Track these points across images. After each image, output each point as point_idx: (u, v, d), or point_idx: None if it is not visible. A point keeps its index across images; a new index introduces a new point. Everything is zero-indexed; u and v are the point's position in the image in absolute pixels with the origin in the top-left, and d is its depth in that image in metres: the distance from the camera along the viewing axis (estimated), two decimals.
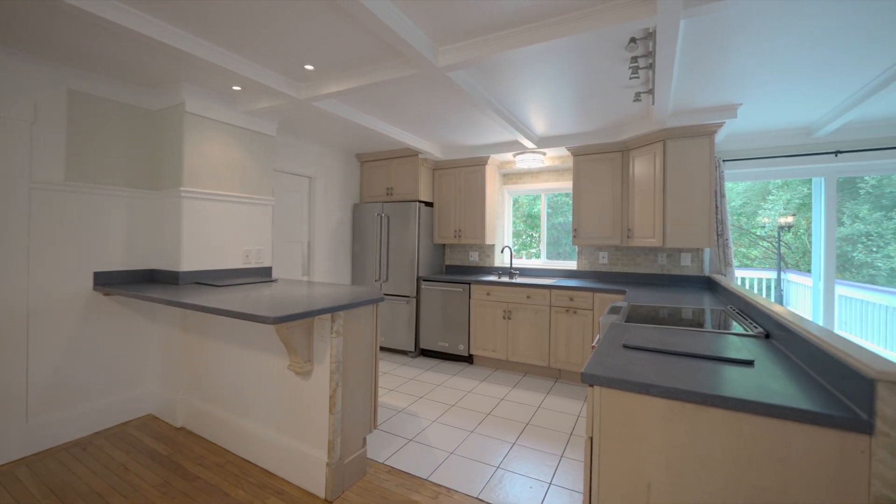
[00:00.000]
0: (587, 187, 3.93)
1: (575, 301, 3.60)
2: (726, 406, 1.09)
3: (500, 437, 2.63)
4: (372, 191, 4.84)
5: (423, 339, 4.41)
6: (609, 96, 2.93)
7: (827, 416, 0.99)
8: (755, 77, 2.53)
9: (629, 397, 1.21)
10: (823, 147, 3.42)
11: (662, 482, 1.16)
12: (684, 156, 3.27)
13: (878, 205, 6.49)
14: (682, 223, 3.26)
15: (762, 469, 1.06)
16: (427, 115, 3.45)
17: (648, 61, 2.35)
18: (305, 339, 2.13)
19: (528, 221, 8.21)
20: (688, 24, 1.99)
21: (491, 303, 4.02)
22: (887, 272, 6.43)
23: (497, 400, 3.25)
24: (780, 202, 7.73)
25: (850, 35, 2.02)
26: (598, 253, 4.15)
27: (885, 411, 0.94)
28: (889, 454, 0.94)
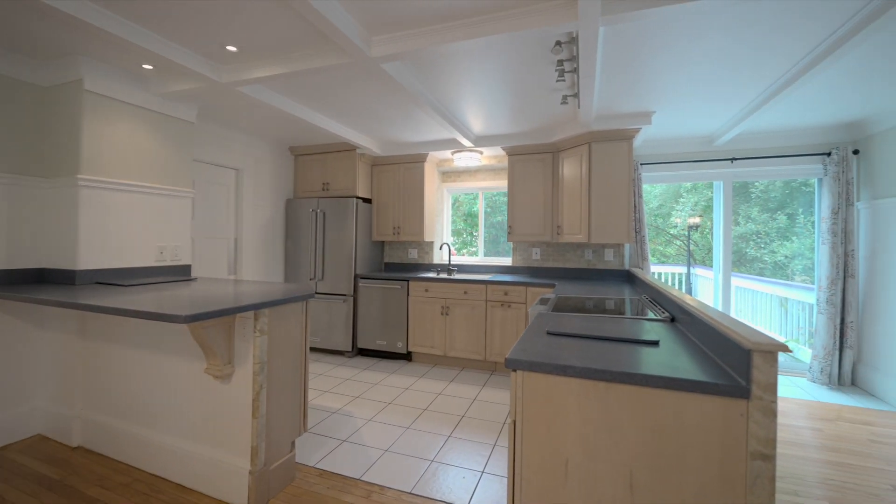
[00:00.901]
0: (521, 186, 4.07)
1: (509, 295, 3.72)
2: (633, 382, 1.17)
3: (436, 432, 2.64)
4: (307, 186, 4.63)
5: (361, 338, 4.31)
6: (540, 98, 3.06)
7: (713, 385, 1.10)
8: (665, 87, 2.78)
9: (549, 379, 1.26)
10: (722, 154, 3.86)
11: (579, 457, 1.23)
12: (607, 158, 3.51)
13: (765, 207, 7.54)
14: (604, 221, 3.50)
15: (663, 437, 1.15)
16: (365, 109, 3.37)
17: (573, 65, 2.49)
18: (225, 340, 1.98)
19: (469, 220, 8.34)
20: (607, 32, 2.13)
21: (429, 299, 4.03)
22: (772, 265, 7.49)
23: (434, 395, 3.26)
24: (689, 204, 8.64)
25: (740, 52, 2.28)
26: (531, 249, 4.33)
27: (759, 377, 1.07)
28: (762, 415, 1.07)
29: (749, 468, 1.08)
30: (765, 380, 1.07)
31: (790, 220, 7.23)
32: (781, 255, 7.10)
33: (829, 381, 3.43)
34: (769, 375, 1.06)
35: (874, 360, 3.28)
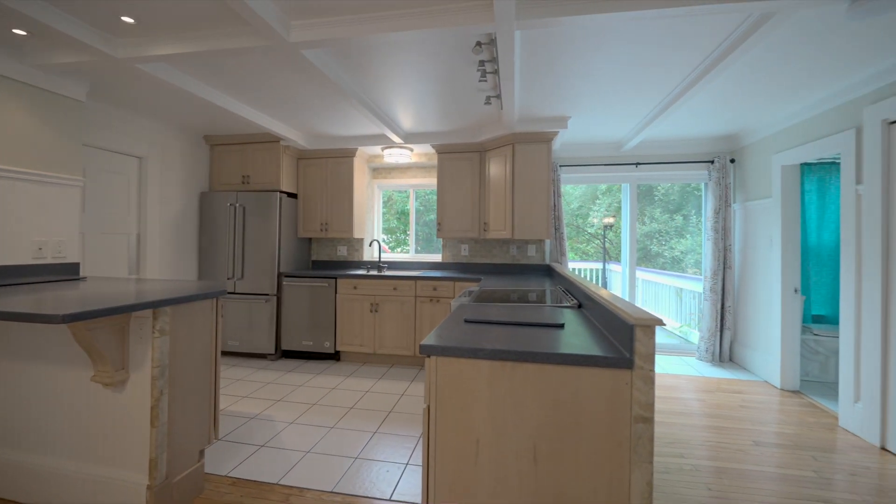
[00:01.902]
0: (450, 184, 4.16)
1: (438, 290, 3.78)
2: (536, 360, 1.26)
3: (362, 429, 2.60)
4: (224, 178, 4.31)
5: (286, 339, 4.10)
6: (467, 97, 3.15)
7: (604, 358, 1.22)
8: (579, 94, 3.00)
9: (461, 363, 1.31)
10: (628, 159, 4.27)
11: (489, 436, 1.29)
12: (529, 159, 3.72)
13: (666, 208, 8.55)
14: (527, 218, 3.70)
15: (562, 409, 1.25)
16: (289, 99, 3.22)
17: (494, 67, 2.60)
18: (117, 343, 1.77)
19: (402, 218, 8.32)
20: (525, 38, 2.25)
21: (358, 297, 3.95)
22: (671, 260, 8.52)
23: (362, 393, 3.21)
24: (604, 205, 9.45)
25: (637, 66, 2.54)
26: (460, 245, 4.43)
27: (640, 349, 1.21)
28: (642, 382, 1.21)
29: (633, 430, 1.21)
30: (645, 351, 1.20)
31: (685, 220, 8.29)
32: (678, 250, 8.14)
33: (712, 359, 3.96)
34: (648, 347, 1.20)
35: (746, 339, 3.84)
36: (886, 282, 2.39)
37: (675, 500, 1.87)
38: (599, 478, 1.22)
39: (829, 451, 2.32)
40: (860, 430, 2.50)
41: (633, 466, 1.21)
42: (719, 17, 2.00)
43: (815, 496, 1.91)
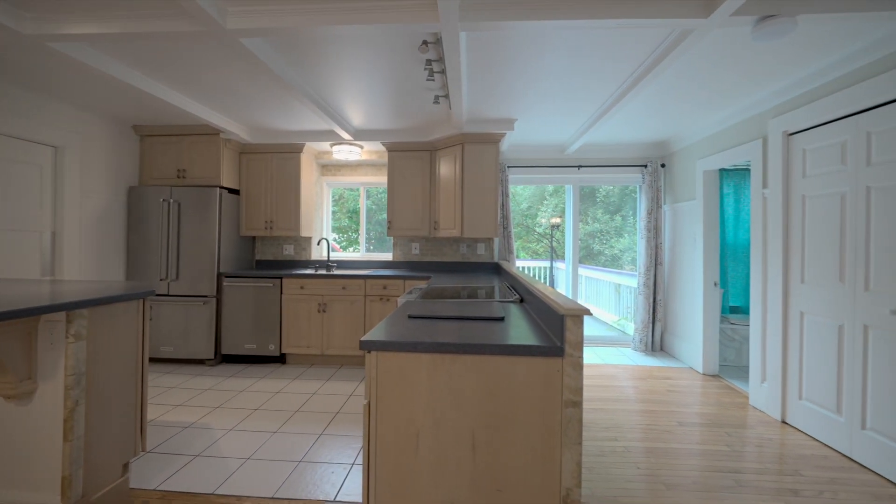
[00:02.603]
0: (401, 182, 4.15)
1: (388, 289, 3.76)
2: (474, 352, 1.30)
3: (307, 432, 2.53)
4: (157, 172, 4.00)
5: (227, 342, 3.89)
6: (416, 96, 3.15)
7: (537, 348, 1.29)
8: (524, 98, 3.11)
9: (402, 357, 1.32)
10: (571, 162, 4.49)
11: (429, 427, 1.31)
12: (477, 159, 3.80)
13: (607, 209, 9.12)
14: (475, 217, 3.78)
15: (498, 397, 1.30)
16: (231, 90, 3.06)
17: (441, 66, 2.63)
18: (21, 350, 1.60)
19: (354, 217, 8.15)
20: (470, 39, 2.30)
21: (305, 297, 3.84)
22: (610, 257, 9.10)
23: (308, 395, 3.12)
24: (551, 206, 9.87)
25: (576, 74, 2.68)
26: (411, 244, 4.44)
27: (569, 337, 1.28)
28: (572, 368, 1.28)
29: (563, 414, 1.28)
30: (574, 339, 1.28)
31: (623, 220, 8.90)
32: (617, 249, 8.73)
33: (646, 349, 4.27)
34: (577, 335, 1.28)
35: (674, 329, 4.18)
36: (786, 275, 2.70)
37: (607, 479, 2.00)
38: (533, 460, 1.28)
39: (741, 427, 2.59)
40: (766, 407, 2.81)
41: (563, 448, 1.28)
42: (647, 31, 2.16)
43: (727, 467, 2.13)
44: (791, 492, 1.92)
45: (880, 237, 2.11)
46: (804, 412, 2.53)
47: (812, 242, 2.52)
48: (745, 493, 1.91)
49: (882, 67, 2.13)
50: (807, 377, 2.53)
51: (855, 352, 2.22)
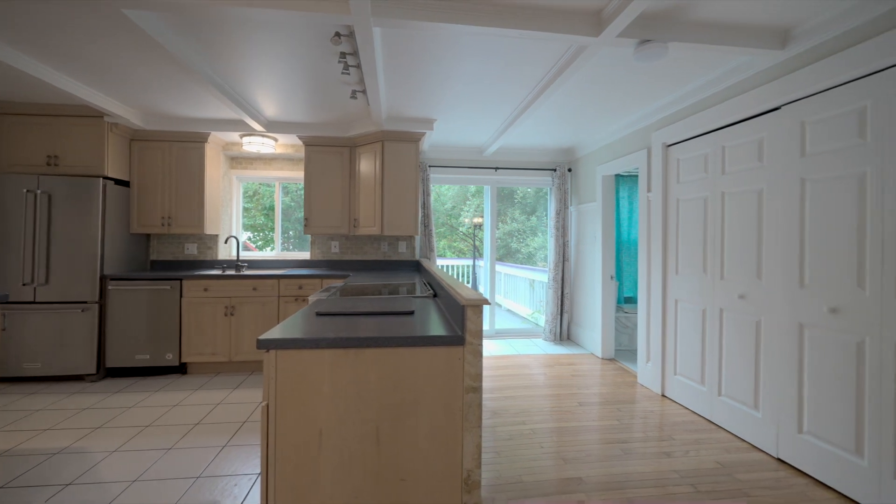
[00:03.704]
0: (319, 178, 4.00)
1: (304, 289, 3.60)
2: (378, 345, 1.31)
3: (209, 445, 2.33)
4: (19, 157, 3.39)
5: (112, 354, 3.43)
6: (333, 89, 3.06)
7: (439, 338, 1.33)
8: (443, 99, 3.18)
9: (303, 354, 1.28)
10: (489, 164, 4.69)
11: (332, 424, 1.29)
12: (398, 157, 3.80)
13: (524, 210, 9.71)
14: (396, 215, 3.78)
15: (402, 388, 1.32)
16: (118, 69, 2.70)
17: (356, 60, 2.59)
18: None
19: (272, 214, 7.70)
20: (386, 36, 2.29)
21: (210, 300, 3.52)
22: (526, 255, 9.71)
23: (212, 406, 2.87)
24: (473, 206, 10.23)
25: (490, 79, 2.81)
26: (330, 242, 4.30)
27: (470, 326, 1.35)
28: (472, 356, 1.35)
29: (464, 400, 1.35)
30: (474, 328, 1.35)
31: (538, 220, 9.55)
32: (532, 247, 9.35)
33: (555, 339, 4.62)
34: (476, 324, 1.35)
35: (579, 319, 4.58)
36: (665, 268, 3.11)
37: (514, 460, 2.14)
38: (436, 447, 1.33)
39: (629, 403, 2.92)
40: (650, 384, 3.20)
41: (465, 432, 1.34)
42: (550, 43, 2.33)
43: (616, 439, 2.39)
44: (665, 454, 2.22)
45: (732, 235, 2.53)
46: (678, 385, 2.93)
47: (684, 239, 2.93)
48: (629, 460, 2.16)
49: (734, 92, 2.54)
50: (680, 355, 2.94)
51: (713, 331, 2.63)
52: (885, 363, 1.72)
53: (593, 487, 1.92)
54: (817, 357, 2.00)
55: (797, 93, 2.12)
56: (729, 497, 1.86)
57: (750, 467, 2.10)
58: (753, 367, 2.35)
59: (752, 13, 2.01)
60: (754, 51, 2.20)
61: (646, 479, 1.99)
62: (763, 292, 2.29)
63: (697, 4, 1.96)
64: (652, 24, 2.09)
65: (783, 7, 1.95)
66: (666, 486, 1.93)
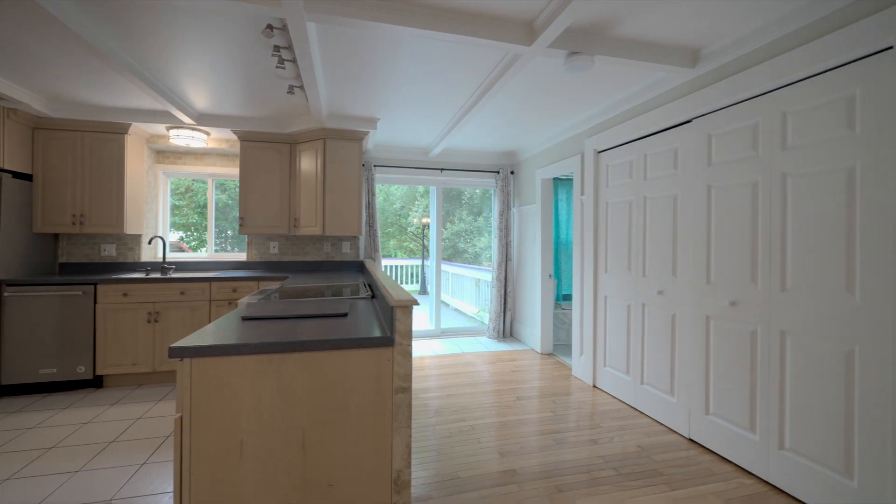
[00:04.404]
0: (256, 175, 3.81)
1: (238, 292, 3.42)
2: (306, 349, 1.28)
3: (124, 464, 2.15)
4: None
5: (10, 370, 3.04)
6: (270, 83, 2.93)
7: (368, 339, 1.33)
8: (386, 99, 3.16)
9: (223, 362, 1.22)
10: (434, 164, 4.73)
11: (255, 433, 1.24)
12: (340, 156, 3.72)
13: (471, 211, 9.91)
14: (338, 214, 3.70)
15: (331, 392, 1.30)
16: (17, 48, 2.39)
17: (292, 55, 2.50)
18: None
19: (205, 213, 7.23)
20: (325, 32, 2.23)
21: (130, 305, 3.24)
22: (473, 255, 9.93)
23: (130, 422, 2.64)
24: (422, 206, 10.26)
25: (433, 81, 2.83)
26: (268, 243, 4.11)
27: (399, 327, 1.36)
28: (401, 357, 1.36)
29: (394, 401, 1.36)
30: (403, 328, 1.36)
31: (485, 221, 9.79)
32: (479, 247, 9.58)
33: (498, 336, 4.76)
34: (406, 325, 1.36)
35: (521, 317, 4.75)
36: (595, 266, 3.31)
37: (452, 457, 2.18)
38: (366, 449, 1.32)
39: (564, 395, 3.08)
40: (583, 376, 3.40)
41: (394, 433, 1.35)
42: (488, 49, 2.39)
43: (550, 429, 2.51)
44: (592, 441, 2.37)
45: (652, 236, 2.74)
46: (607, 376, 3.14)
47: (612, 240, 3.14)
48: (561, 449, 2.28)
49: (654, 104, 2.76)
50: (609, 348, 3.14)
51: (636, 325, 2.85)
52: (773, 348, 1.96)
53: (526, 478, 2.00)
54: (720, 345, 2.23)
55: (705, 108, 2.35)
56: (646, 477, 2.02)
57: (665, 448, 2.30)
58: (670, 357, 2.57)
59: (666, 33, 2.20)
60: (669, 68, 2.40)
61: (574, 466, 2.11)
62: (678, 288, 2.51)
63: (619, 22, 2.11)
64: (579, 38, 2.22)
65: (692, 30, 2.15)
66: (592, 472, 2.06)
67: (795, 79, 1.90)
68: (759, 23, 2.03)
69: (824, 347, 1.76)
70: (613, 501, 1.83)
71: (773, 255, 1.97)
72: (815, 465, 1.79)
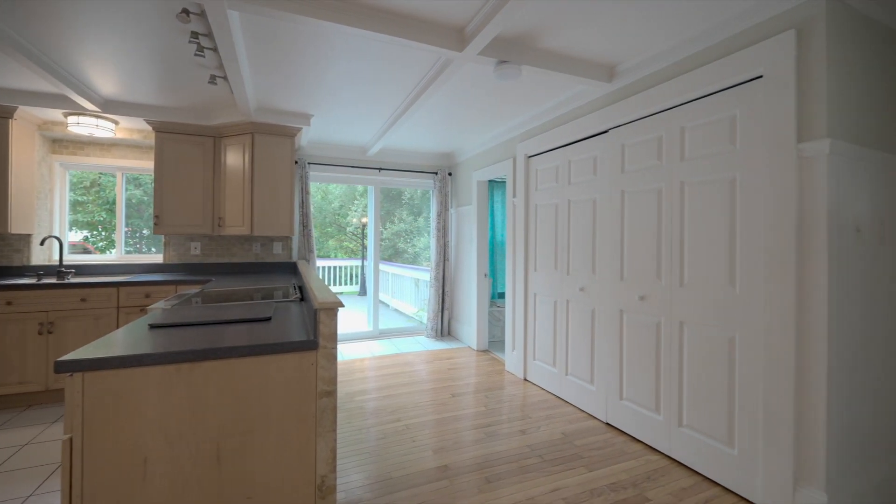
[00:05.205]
0: (174, 170, 3.50)
1: (152, 297, 3.13)
2: (220, 356, 1.21)
3: (6, 498, 1.88)
4: None
5: None
6: (188, 72, 2.72)
7: (290, 344, 1.29)
8: (320, 95, 3.06)
9: (121, 375, 1.12)
10: (372, 164, 4.67)
11: (160, 449, 1.16)
12: (270, 152, 3.55)
13: (411, 211, 9.92)
14: (268, 214, 3.53)
15: (249, 400, 1.25)
16: None
17: (212, 43, 2.35)
18: None
19: (115, 210, 6.57)
20: (247, 21, 2.11)
21: (16, 316, 2.83)
22: (413, 255, 9.97)
23: (16, 448, 2.31)
24: (361, 205, 10.09)
25: (367, 80, 2.79)
26: (189, 243, 3.81)
27: (323, 330, 1.33)
28: (325, 360, 1.34)
29: (318, 405, 1.33)
30: (328, 331, 1.34)
31: (425, 221, 9.87)
32: (419, 247, 9.64)
33: (437, 335, 4.82)
34: (330, 327, 1.34)
35: (458, 315, 4.85)
36: (526, 265, 3.48)
37: (385, 458, 2.18)
38: (288, 457, 1.29)
39: (497, 389, 3.20)
40: (515, 370, 3.56)
41: (318, 438, 1.33)
42: (421, 52, 2.41)
43: (482, 423, 2.60)
44: (521, 432, 2.49)
45: (575, 237, 2.94)
46: (537, 369, 3.32)
47: (541, 240, 3.31)
48: (492, 441, 2.37)
49: (578, 114, 2.95)
50: (538, 342, 3.32)
51: (562, 320, 3.04)
52: (673, 337, 2.20)
53: (458, 472, 2.06)
54: (632, 336, 2.45)
55: (620, 120, 2.56)
56: (567, 461, 2.17)
57: (586, 433, 2.48)
58: (590, 349, 2.78)
59: (586, 49, 2.36)
60: (589, 81, 2.59)
61: (503, 456, 2.21)
62: (597, 285, 2.72)
63: (544, 35, 2.23)
64: (508, 47, 2.32)
65: (609, 48, 2.34)
66: (519, 461, 2.17)
67: (693, 97, 2.14)
68: (663, 46, 2.26)
69: (712, 335, 2.01)
70: (537, 486, 1.94)
71: (673, 254, 2.21)
72: (706, 438, 2.03)
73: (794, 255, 1.68)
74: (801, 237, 1.68)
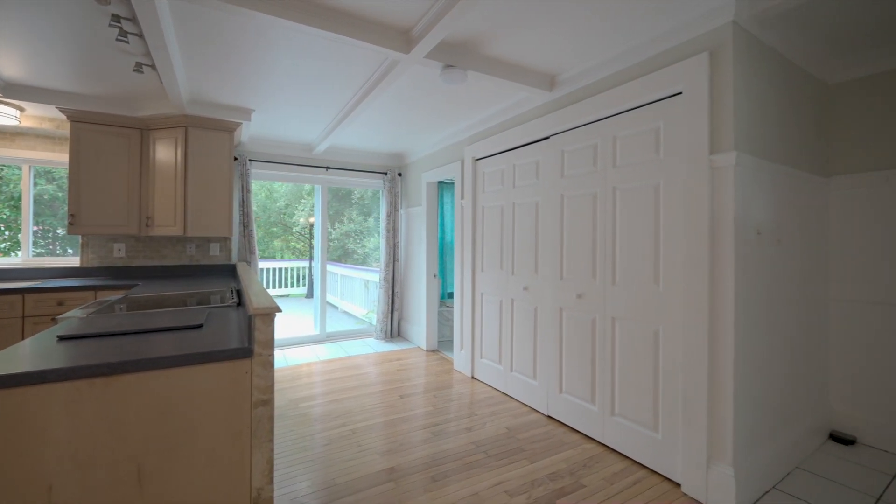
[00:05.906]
0: (94, 164, 3.19)
1: (66, 305, 2.83)
2: (139, 368, 1.13)
3: None
4: None
5: None
6: (110, 57, 2.48)
7: (221, 353, 1.23)
8: (263, 90, 2.92)
9: (15, 395, 1.01)
10: (319, 162, 4.54)
11: (68, 475, 1.06)
12: (206, 147, 3.34)
13: (361, 211, 9.76)
14: (204, 213, 3.32)
15: (174, 414, 1.18)
16: None
17: (138, 28, 2.17)
18: None
19: (20, 207, 5.90)
20: (178, 8, 1.97)
21: None
22: (363, 256, 9.83)
23: None
24: (308, 205, 9.77)
25: (313, 78, 2.71)
26: (113, 245, 3.48)
27: (258, 336, 1.29)
28: (261, 368, 1.29)
29: (253, 416, 1.28)
30: (263, 338, 1.29)
31: (375, 222, 9.77)
32: (368, 247, 9.51)
33: (386, 337, 4.79)
34: (266, 334, 1.30)
35: (408, 316, 4.85)
36: (473, 266, 3.55)
37: (330, 464, 2.14)
38: (220, 471, 1.23)
39: (446, 388, 3.25)
40: (463, 369, 3.63)
41: (254, 450, 1.28)
42: (368, 52, 2.38)
43: (430, 423, 2.63)
44: (467, 429, 2.55)
45: (519, 238, 3.05)
46: (484, 367, 3.40)
47: (487, 241, 3.40)
48: (439, 441, 2.40)
49: (522, 120, 3.06)
50: (484, 341, 3.41)
51: (507, 318, 3.14)
52: (606, 332, 2.35)
53: (404, 473, 2.07)
54: (570, 332, 2.59)
55: (560, 127, 2.69)
56: (511, 455, 2.25)
57: (528, 427, 2.59)
58: (532, 345, 2.90)
59: (528, 58, 2.46)
60: (531, 89, 2.69)
61: (450, 455, 2.25)
62: (539, 284, 2.84)
63: (488, 42, 2.29)
64: (453, 52, 2.36)
65: (549, 58, 2.45)
66: (465, 458, 2.21)
67: (623, 109, 2.30)
68: (596, 61, 2.41)
69: (640, 329, 2.17)
70: (481, 482, 2.00)
71: (606, 254, 2.36)
72: (634, 424, 2.20)
73: (707, 255, 1.86)
74: (712, 239, 1.87)
